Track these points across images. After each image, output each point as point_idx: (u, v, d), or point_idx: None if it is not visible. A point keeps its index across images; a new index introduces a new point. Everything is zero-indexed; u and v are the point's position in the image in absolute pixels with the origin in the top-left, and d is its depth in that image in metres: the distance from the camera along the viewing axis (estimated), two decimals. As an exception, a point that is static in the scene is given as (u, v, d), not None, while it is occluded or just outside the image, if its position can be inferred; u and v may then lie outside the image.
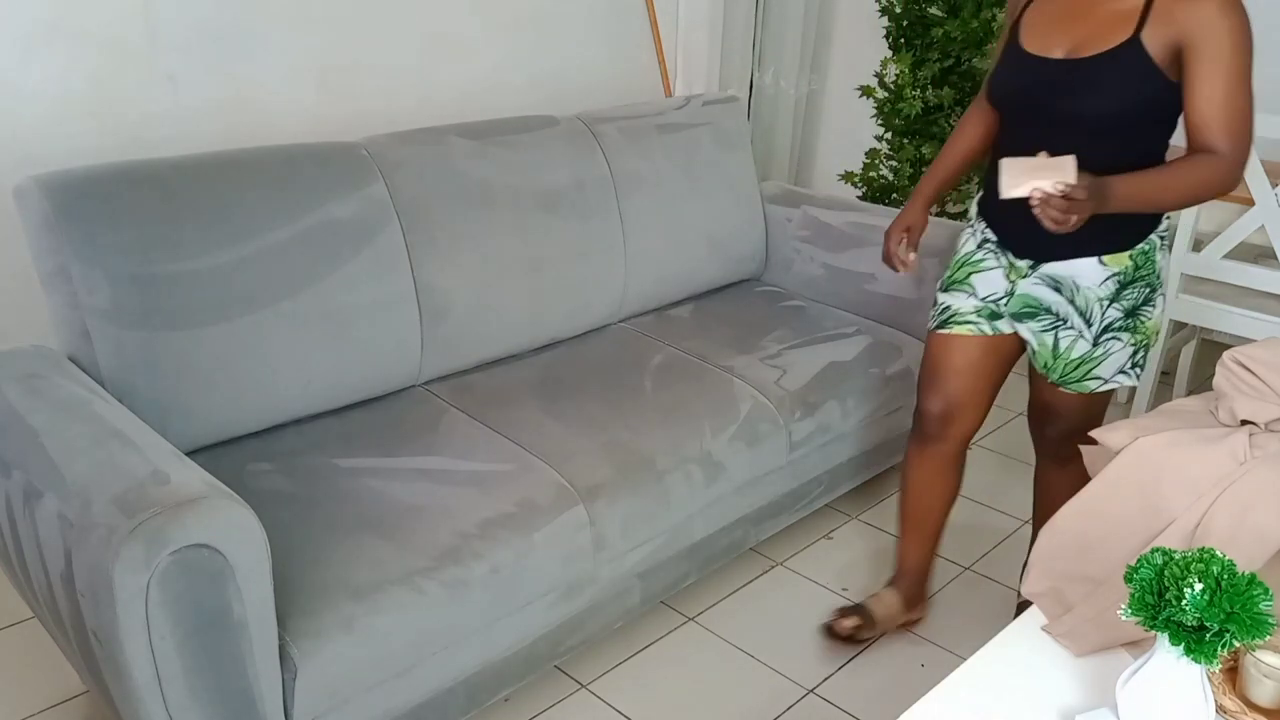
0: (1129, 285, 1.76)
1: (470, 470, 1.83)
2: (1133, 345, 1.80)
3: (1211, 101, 1.58)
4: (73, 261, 1.69)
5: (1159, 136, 1.69)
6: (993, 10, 3.57)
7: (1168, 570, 1.07)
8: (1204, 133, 1.60)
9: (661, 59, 3.52)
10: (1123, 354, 1.81)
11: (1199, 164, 1.61)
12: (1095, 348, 1.79)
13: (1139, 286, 1.76)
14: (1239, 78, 1.57)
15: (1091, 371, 1.82)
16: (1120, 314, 1.77)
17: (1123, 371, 1.83)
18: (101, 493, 1.33)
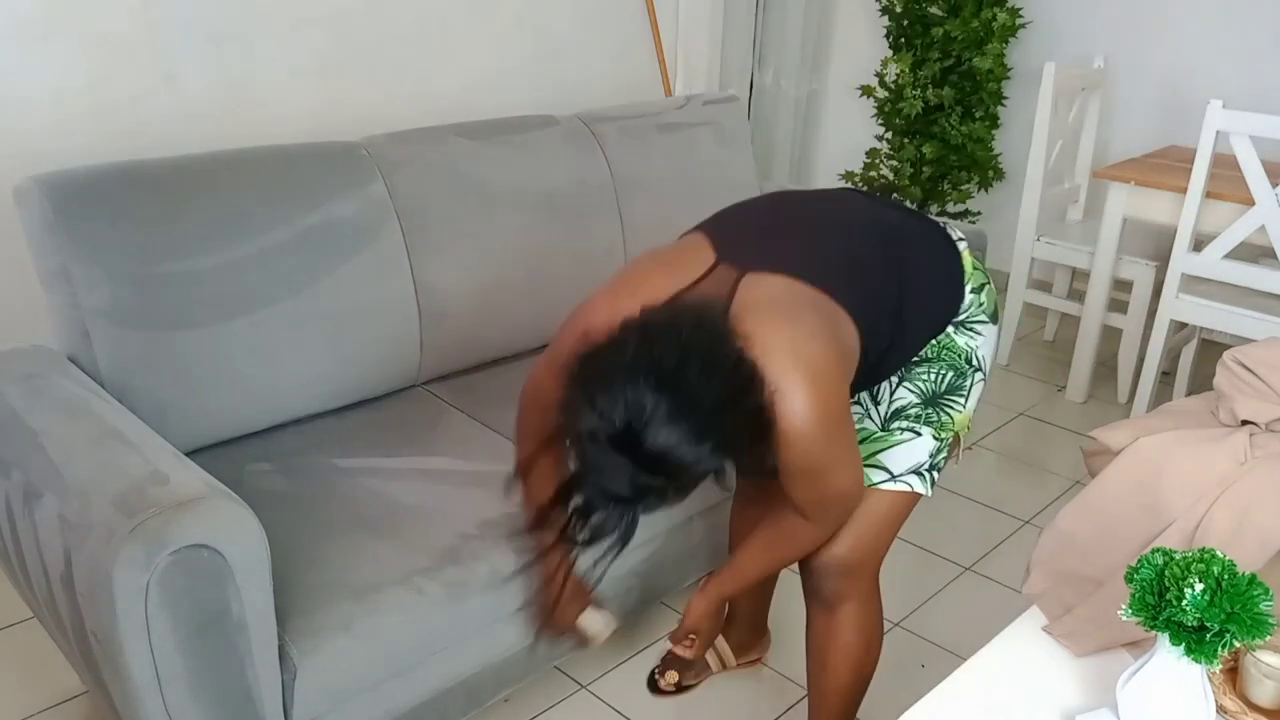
0: (925, 363, 1.48)
1: (470, 470, 1.83)
2: (934, 440, 1.48)
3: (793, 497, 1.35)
4: (73, 261, 1.69)
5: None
6: (993, 10, 3.58)
7: (1168, 570, 1.07)
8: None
9: (661, 59, 3.52)
10: (918, 446, 1.48)
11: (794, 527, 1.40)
12: (884, 427, 1.49)
13: (938, 367, 1.47)
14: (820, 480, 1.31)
15: (874, 456, 1.49)
16: (915, 398, 1.47)
17: (916, 472, 1.49)
18: (101, 493, 1.33)
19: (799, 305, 1.26)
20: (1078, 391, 3.27)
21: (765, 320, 1.21)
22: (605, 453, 1.12)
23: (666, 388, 1.09)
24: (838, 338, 1.28)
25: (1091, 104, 3.48)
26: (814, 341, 1.23)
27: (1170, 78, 3.59)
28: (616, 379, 1.11)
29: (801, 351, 1.20)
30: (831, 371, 1.24)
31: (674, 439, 1.10)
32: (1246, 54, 3.41)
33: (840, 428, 1.27)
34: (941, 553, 2.44)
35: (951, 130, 3.71)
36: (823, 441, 1.24)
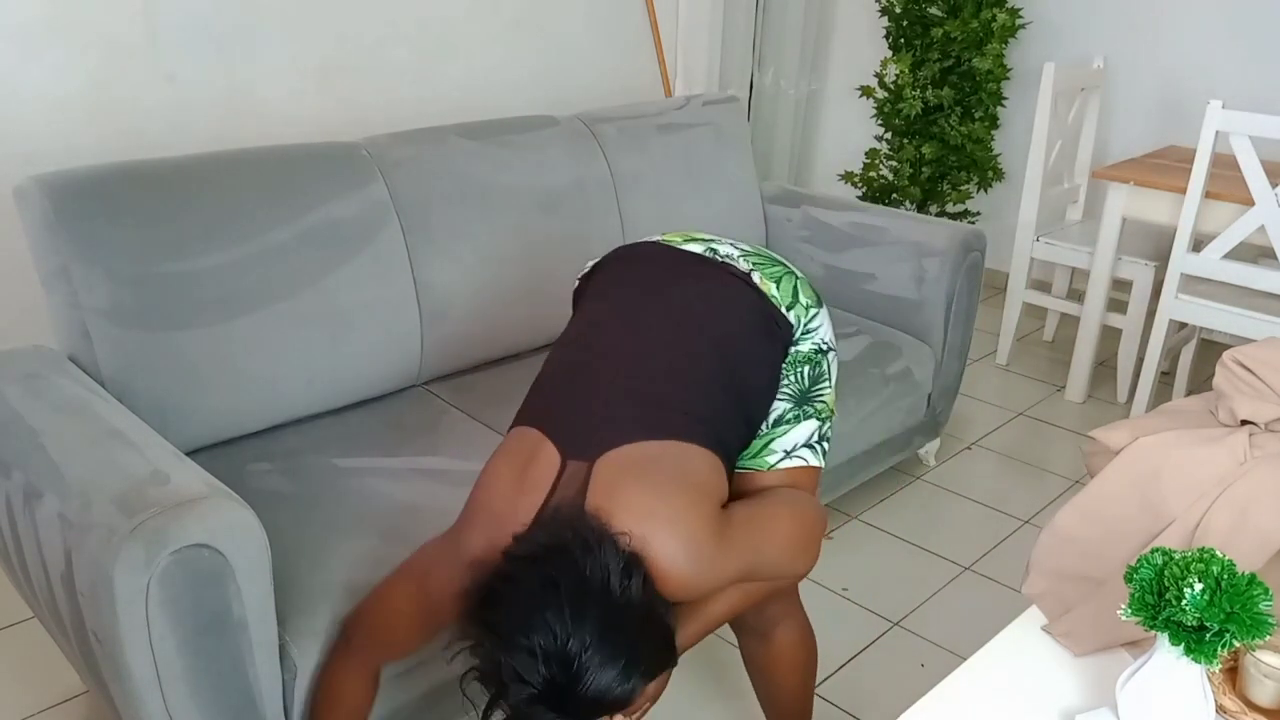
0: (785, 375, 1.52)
1: (470, 470, 1.82)
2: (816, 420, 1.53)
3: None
4: (73, 261, 1.69)
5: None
6: (993, 11, 3.58)
7: (1168, 570, 1.07)
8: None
9: (661, 59, 3.52)
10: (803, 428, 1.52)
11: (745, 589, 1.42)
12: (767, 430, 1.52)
13: (796, 369, 1.52)
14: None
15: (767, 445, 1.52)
16: (789, 404, 1.51)
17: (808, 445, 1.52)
18: (101, 493, 1.33)
19: (645, 470, 1.30)
20: (1077, 391, 3.27)
21: (622, 501, 1.26)
22: (538, 712, 1.14)
23: (587, 632, 1.12)
24: (688, 472, 1.33)
25: (1091, 104, 3.48)
26: (668, 496, 1.28)
27: (1170, 78, 3.59)
28: (532, 630, 1.13)
29: (659, 511, 1.26)
30: (688, 508, 1.28)
31: (608, 683, 1.13)
32: (1246, 54, 3.41)
33: (719, 542, 1.30)
34: (941, 552, 2.44)
35: (951, 131, 3.72)
36: (717, 565, 1.29)
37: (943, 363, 2.58)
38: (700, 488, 1.33)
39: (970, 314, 2.61)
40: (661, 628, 1.24)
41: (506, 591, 1.17)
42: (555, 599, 1.14)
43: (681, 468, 1.33)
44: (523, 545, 1.23)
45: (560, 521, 1.25)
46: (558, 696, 1.13)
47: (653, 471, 1.30)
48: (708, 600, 1.39)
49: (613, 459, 1.31)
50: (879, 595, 2.27)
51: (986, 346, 3.57)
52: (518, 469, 1.36)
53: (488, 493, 1.38)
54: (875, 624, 2.19)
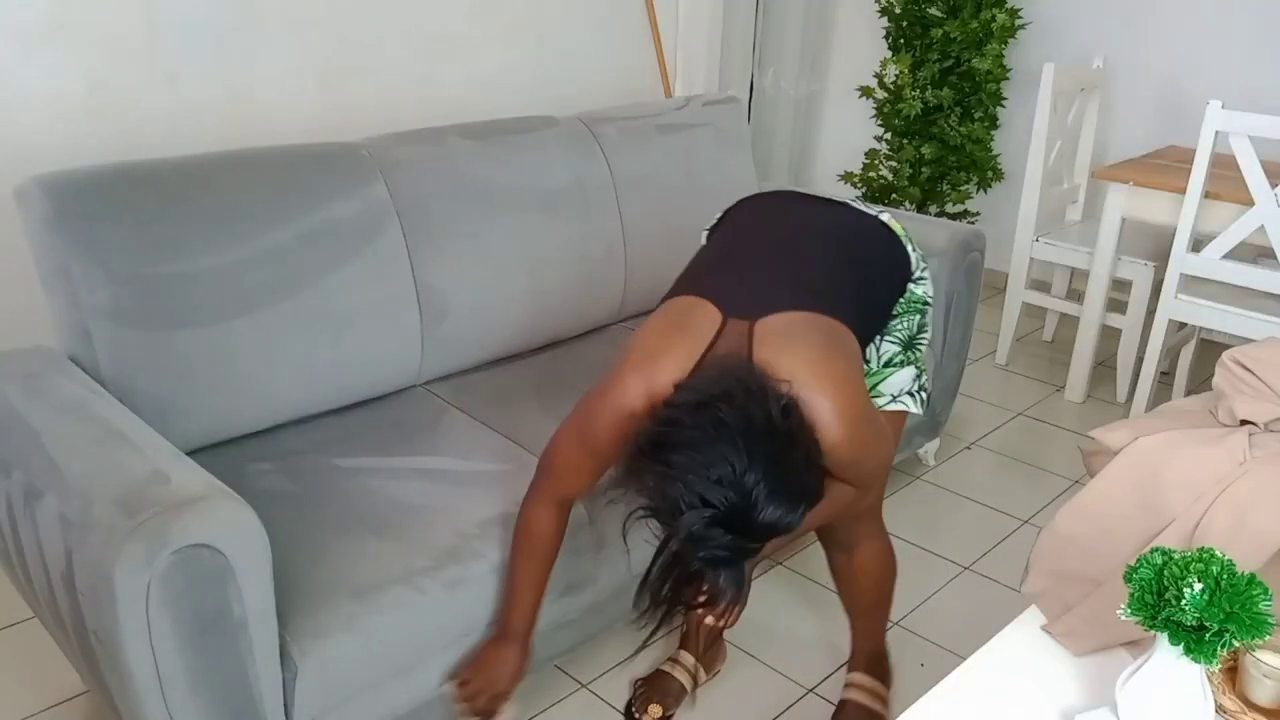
0: (896, 318, 1.67)
1: (470, 470, 1.83)
2: (915, 368, 1.68)
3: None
4: (73, 261, 1.69)
5: None
6: (992, 11, 3.58)
7: (1167, 570, 1.07)
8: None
9: (661, 59, 3.52)
10: (906, 374, 1.67)
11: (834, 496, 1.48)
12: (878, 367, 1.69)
13: (906, 318, 1.67)
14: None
15: (873, 388, 1.67)
16: (897, 348, 1.66)
17: (908, 392, 1.68)
18: (102, 493, 1.33)
19: (807, 334, 1.40)
20: (1077, 391, 3.27)
21: (785, 357, 1.35)
22: (715, 534, 1.23)
23: (755, 471, 1.21)
24: (843, 345, 1.43)
25: (1090, 104, 3.48)
26: (828, 358, 1.38)
27: (1169, 78, 3.59)
28: (710, 465, 1.22)
29: (823, 369, 1.36)
30: (849, 376, 1.40)
31: (779, 514, 1.24)
32: (1246, 54, 3.41)
33: (866, 419, 1.42)
34: (941, 552, 2.45)
35: (950, 131, 3.72)
36: (858, 438, 1.39)
37: (942, 363, 2.58)
38: (855, 362, 1.46)
39: (970, 314, 2.62)
40: (818, 468, 1.32)
41: (678, 434, 1.25)
42: (728, 437, 1.21)
43: (840, 341, 1.43)
44: (687, 392, 1.30)
45: (724, 370, 1.32)
46: (734, 521, 1.22)
47: (814, 337, 1.40)
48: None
49: (774, 321, 1.40)
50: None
51: (986, 346, 3.57)
52: (674, 320, 1.45)
53: (644, 338, 1.46)
54: (875, 624, 2.19)
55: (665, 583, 1.33)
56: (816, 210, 1.70)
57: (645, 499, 1.29)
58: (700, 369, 1.37)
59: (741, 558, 1.27)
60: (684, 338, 1.41)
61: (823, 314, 1.43)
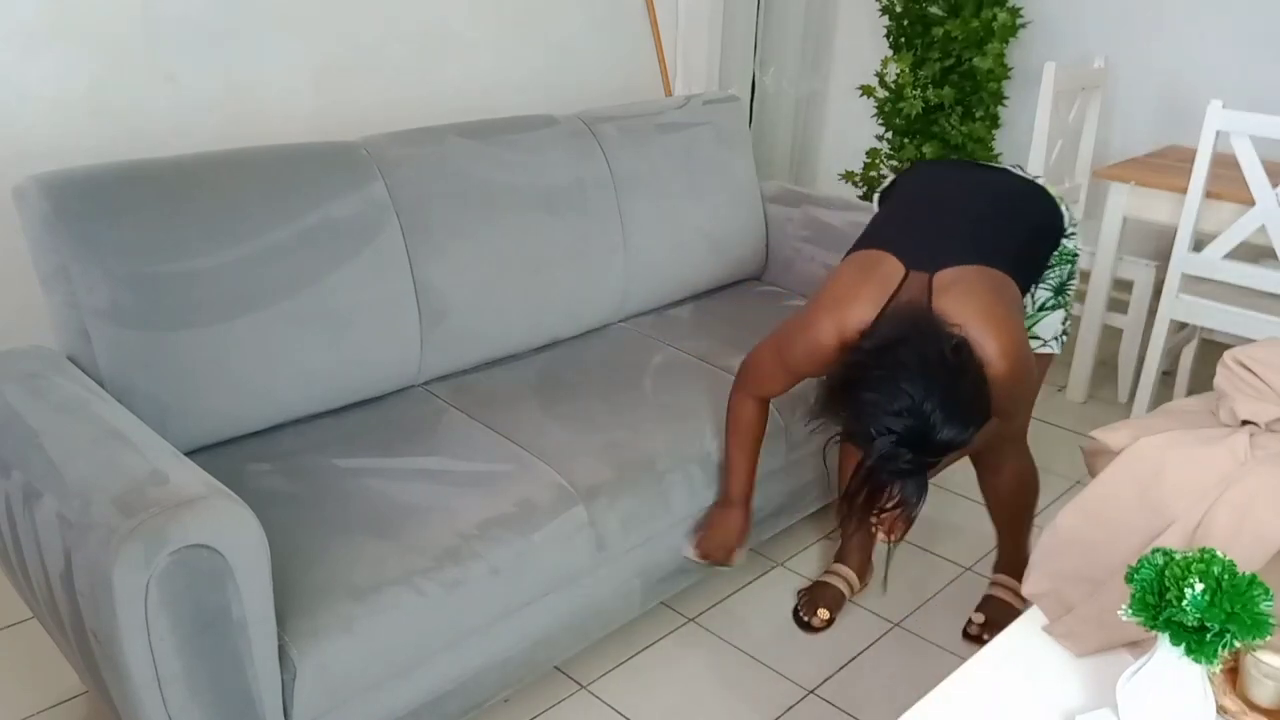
0: (1050, 268, 1.95)
1: (470, 470, 1.83)
2: (1065, 311, 1.99)
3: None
4: (72, 261, 1.69)
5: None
6: (993, 10, 3.58)
7: (1168, 570, 1.07)
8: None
9: (661, 59, 3.52)
10: (1056, 317, 1.98)
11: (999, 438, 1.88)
12: (1035, 311, 1.97)
13: (1058, 268, 1.96)
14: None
15: (1030, 329, 1.96)
16: (1049, 293, 1.96)
17: (1055, 337, 1.99)
18: (101, 493, 1.33)
19: (978, 284, 1.68)
20: (1078, 391, 3.27)
21: (961, 306, 1.63)
22: (901, 453, 1.52)
23: (933, 400, 1.50)
24: (1008, 294, 1.72)
25: (1091, 104, 3.48)
26: (995, 308, 1.66)
27: (1170, 78, 3.59)
28: (894, 402, 1.50)
29: (991, 318, 1.63)
30: (1012, 323, 1.68)
31: (952, 434, 1.52)
32: (1246, 54, 3.41)
33: (1024, 358, 1.70)
34: (941, 553, 2.44)
35: (951, 130, 3.71)
36: (1017, 373, 1.67)
37: (943, 363, 2.58)
38: (1017, 309, 1.74)
39: (971, 314, 2.61)
40: (985, 396, 1.58)
41: (866, 375, 1.55)
42: (906, 375, 1.50)
43: (1006, 290, 1.71)
44: (873, 338, 1.63)
45: (905, 316, 1.63)
46: (916, 442, 1.52)
47: (984, 288, 1.68)
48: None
49: (949, 273, 1.68)
50: (879, 595, 2.27)
51: (987, 346, 3.57)
52: (862, 270, 1.74)
53: (834, 285, 1.77)
54: (875, 624, 2.19)
55: (861, 491, 1.60)
56: (984, 175, 1.98)
57: (841, 427, 1.63)
58: (884, 315, 1.66)
59: (923, 470, 1.57)
60: (870, 286, 1.70)
61: (991, 267, 1.71)
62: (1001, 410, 1.68)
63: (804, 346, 1.74)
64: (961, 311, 1.61)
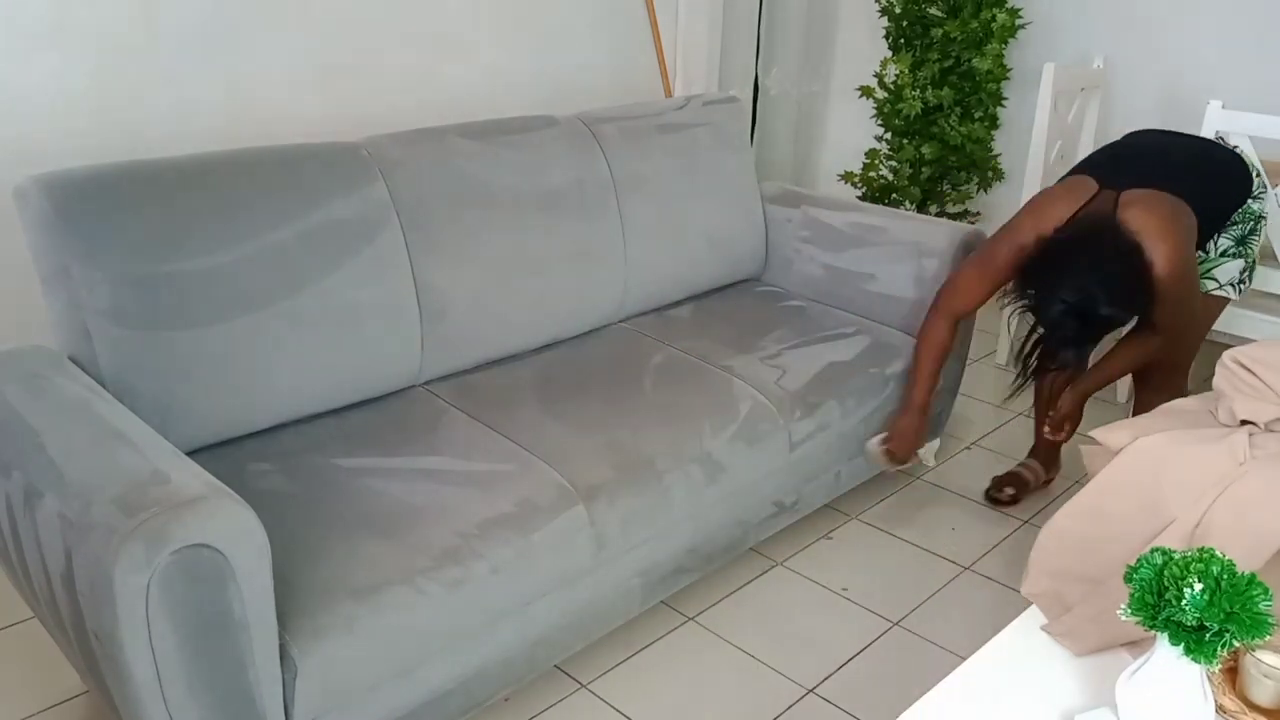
0: (1233, 224, 2.28)
1: (470, 470, 1.83)
2: (1244, 261, 2.30)
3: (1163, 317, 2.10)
4: (73, 261, 1.69)
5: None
6: (992, 11, 3.58)
7: (1167, 570, 1.08)
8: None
9: (661, 59, 3.52)
10: (1234, 266, 2.29)
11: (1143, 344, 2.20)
12: (1216, 257, 2.30)
13: (1240, 225, 2.28)
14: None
15: (1209, 271, 2.30)
16: (1231, 242, 2.28)
17: (1232, 283, 2.31)
18: (102, 493, 1.33)
19: (1159, 202, 2.04)
20: (1077, 391, 3.27)
21: (1140, 216, 2.01)
22: (1070, 324, 1.96)
23: (1101, 282, 1.93)
24: (1185, 218, 2.06)
25: (1091, 104, 3.48)
26: (1169, 222, 2.01)
27: (1170, 78, 3.59)
28: (1070, 279, 1.94)
29: (1164, 229, 1.99)
30: (1181, 237, 2.03)
31: (1113, 312, 1.97)
32: (1246, 54, 3.41)
33: (1189, 273, 2.07)
34: (941, 552, 2.44)
35: (951, 131, 3.72)
36: (1182, 282, 2.03)
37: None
38: (1191, 233, 2.07)
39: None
40: (1147, 290, 1.97)
41: (1050, 260, 1.99)
42: (1083, 263, 1.94)
43: (1184, 215, 2.05)
44: (1062, 232, 2.03)
45: (1091, 219, 2.04)
46: (1081, 314, 1.94)
47: (1164, 207, 2.03)
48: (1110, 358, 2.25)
49: (1136, 192, 2.07)
50: (879, 595, 2.27)
51: (986, 346, 3.57)
52: (1062, 186, 2.18)
53: (1036, 197, 2.24)
54: (875, 624, 2.19)
55: (1034, 353, 2.06)
56: (1188, 138, 2.36)
57: (1025, 301, 2.03)
58: (1075, 218, 2.06)
59: (1084, 343, 2.01)
60: (1067, 198, 2.11)
61: (1173, 194, 2.05)
62: (1164, 320, 2.06)
63: (1006, 247, 2.12)
64: (1140, 220, 1.98)
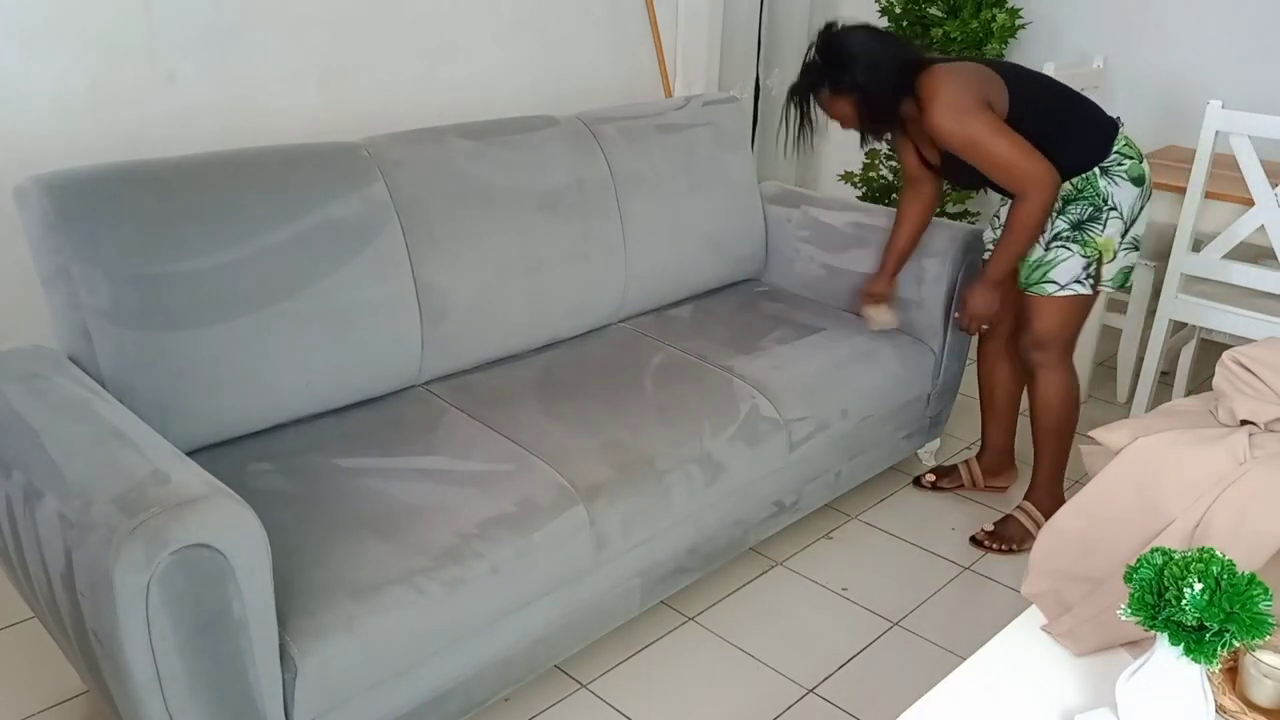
0: (1071, 202, 2.19)
1: (470, 470, 1.83)
2: (1083, 256, 2.19)
3: (990, 173, 2.16)
4: (73, 261, 1.69)
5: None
6: (992, 11, 3.58)
7: (1167, 570, 1.08)
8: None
9: (661, 59, 3.52)
10: (1074, 263, 2.20)
11: (1017, 210, 2.15)
12: (1046, 252, 2.21)
13: (1081, 204, 2.18)
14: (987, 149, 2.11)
15: (1047, 275, 2.22)
16: (1066, 225, 2.19)
17: (1077, 280, 2.21)
18: (102, 493, 1.33)
19: (973, 72, 2.15)
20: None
21: (943, 65, 2.16)
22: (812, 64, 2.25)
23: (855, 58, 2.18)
24: (984, 84, 2.13)
25: (1091, 104, 3.48)
26: (961, 73, 2.14)
27: (1170, 78, 3.59)
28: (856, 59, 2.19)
29: (949, 71, 2.13)
30: (960, 81, 2.11)
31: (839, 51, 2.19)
32: (1246, 54, 3.41)
33: (972, 113, 2.08)
34: (941, 552, 2.45)
35: (951, 130, 3.71)
36: (957, 120, 2.09)
37: (942, 363, 2.59)
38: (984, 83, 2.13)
39: (970, 314, 2.61)
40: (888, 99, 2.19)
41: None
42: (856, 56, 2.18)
43: (988, 86, 2.12)
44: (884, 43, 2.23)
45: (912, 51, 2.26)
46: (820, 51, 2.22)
47: (975, 78, 2.13)
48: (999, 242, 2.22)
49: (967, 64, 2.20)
50: (879, 595, 2.27)
51: (986, 346, 3.57)
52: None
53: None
54: (875, 624, 2.19)
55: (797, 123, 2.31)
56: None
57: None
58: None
59: (817, 84, 2.23)
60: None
61: (997, 73, 2.16)
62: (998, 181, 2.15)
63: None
64: (940, 68, 2.14)
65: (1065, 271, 2.20)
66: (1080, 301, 2.25)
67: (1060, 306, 2.24)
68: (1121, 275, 2.26)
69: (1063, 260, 2.20)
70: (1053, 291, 2.22)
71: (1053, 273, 2.21)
